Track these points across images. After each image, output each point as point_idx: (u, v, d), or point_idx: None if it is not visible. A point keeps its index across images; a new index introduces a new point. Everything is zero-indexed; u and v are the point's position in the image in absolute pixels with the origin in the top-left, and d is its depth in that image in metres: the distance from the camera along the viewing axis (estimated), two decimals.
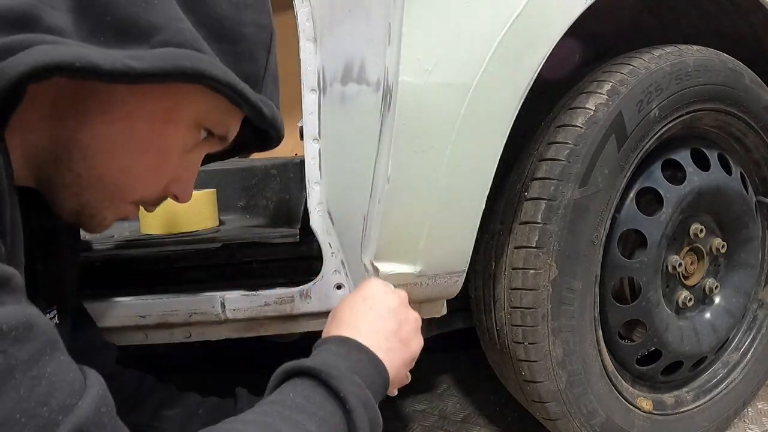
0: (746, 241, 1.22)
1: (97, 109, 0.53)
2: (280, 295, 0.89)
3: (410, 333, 0.69)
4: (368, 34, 0.80)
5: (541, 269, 0.96)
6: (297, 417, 0.52)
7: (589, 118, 0.96)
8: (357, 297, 0.70)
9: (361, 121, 0.82)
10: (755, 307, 1.30)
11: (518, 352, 1.01)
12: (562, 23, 0.88)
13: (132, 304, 0.89)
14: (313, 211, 0.88)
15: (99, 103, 0.53)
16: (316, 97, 0.86)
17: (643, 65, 1.01)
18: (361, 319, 0.66)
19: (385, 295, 0.70)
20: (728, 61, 1.11)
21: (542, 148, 0.98)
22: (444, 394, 1.53)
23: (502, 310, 1.02)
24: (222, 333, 0.93)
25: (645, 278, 1.06)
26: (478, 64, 0.81)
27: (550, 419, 1.05)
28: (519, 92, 0.85)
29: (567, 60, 1.06)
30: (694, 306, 1.18)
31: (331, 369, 0.57)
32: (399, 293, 0.72)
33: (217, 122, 0.60)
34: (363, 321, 0.66)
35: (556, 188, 0.94)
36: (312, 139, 0.87)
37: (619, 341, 1.11)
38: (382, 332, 0.66)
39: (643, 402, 1.14)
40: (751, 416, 1.36)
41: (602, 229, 1.00)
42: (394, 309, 0.69)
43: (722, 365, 1.26)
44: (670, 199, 1.07)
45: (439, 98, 0.80)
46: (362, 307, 0.68)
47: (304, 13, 0.85)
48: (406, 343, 0.68)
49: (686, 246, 1.15)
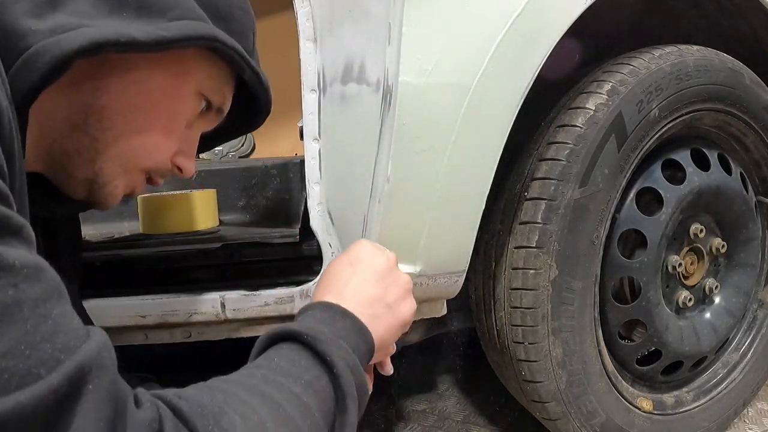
0: (746, 241, 1.22)
1: (113, 74, 0.57)
2: (280, 295, 0.89)
3: (398, 297, 0.67)
4: (368, 34, 0.80)
5: (541, 269, 0.96)
6: (281, 379, 0.51)
7: (589, 118, 0.96)
8: (344, 260, 0.69)
9: (361, 121, 0.82)
10: (755, 307, 1.30)
11: (518, 352, 1.01)
12: (562, 23, 0.88)
13: (132, 304, 0.89)
14: (313, 211, 0.88)
15: (115, 68, 0.57)
16: (316, 97, 0.86)
17: (643, 65, 1.01)
18: (346, 284, 0.65)
19: (372, 257, 0.68)
20: (728, 61, 1.11)
21: (542, 148, 0.98)
22: (444, 394, 1.53)
23: (502, 310, 1.02)
24: (222, 333, 0.93)
25: (645, 278, 1.06)
26: (478, 64, 0.81)
27: (550, 419, 1.05)
28: (519, 92, 0.85)
29: (567, 60, 1.06)
30: (694, 306, 1.17)
31: (318, 333, 0.56)
32: (387, 254, 0.70)
33: (216, 91, 0.66)
34: (347, 286, 0.65)
35: (556, 188, 0.94)
36: (312, 139, 0.87)
37: (619, 341, 1.11)
38: (367, 298, 0.64)
39: (643, 402, 1.14)
40: (751, 416, 1.36)
41: (602, 229, 1.00)
42: (381, 272, 0.67)
43: (722, 365, 1.26)
44: (670, 199, 1.07)
45: (439, 98, 0.80)
46: (347, 271, 0.67)
47: (304, 13, 0.85)
48: (393, 308, 0.66)
49: (686, 246, 1.15)
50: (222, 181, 1.17)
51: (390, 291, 0.67)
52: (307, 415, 0.51)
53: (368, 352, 0.62)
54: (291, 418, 0.49)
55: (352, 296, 0.64)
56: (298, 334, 0.56)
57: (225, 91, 0.67)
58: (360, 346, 0.60)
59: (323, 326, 0.58)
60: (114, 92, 0.58)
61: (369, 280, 0.66)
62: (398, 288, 0.68)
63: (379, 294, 0.66)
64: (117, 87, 0.58)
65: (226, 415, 0.45)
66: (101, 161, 0.59)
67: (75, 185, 0.61)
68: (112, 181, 0.61)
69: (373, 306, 0.64)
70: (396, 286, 0.68)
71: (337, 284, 0.65)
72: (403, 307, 0.68)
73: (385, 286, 0.67)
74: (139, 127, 0.60)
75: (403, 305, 0.68)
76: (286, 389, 0.51)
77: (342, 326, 0.60)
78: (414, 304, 0.69)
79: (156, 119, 0.61)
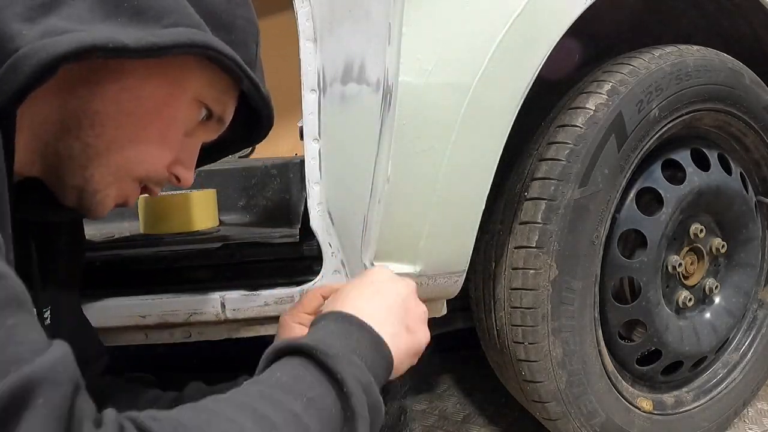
0: (746, 241, 1.22)
1: (107, 79, 0.57)
2: (280, 295, 0.89)
3: (417, 323, 0.65)
4: (368, 34, 0.80)
5: (541, 269, 0.96)
6: (280, 396, 0.47)
7: (589, 118, 0.96)
8: (364, 281, 0.66)
9: (361, 121, 0.82)
10: (755, 307, 1.30)
11: (518, 352, 1.01)
12: (562, 23, 0.88)
13: (132, 304, 0.89)
14: (313, 211, 0.88)
15: (109, 73, 0.56)
16: (316, 97, 0.86)
17: (643, 65, 1.01)
18: (367, 301, 0.61)
19: (393, 282, 0.66)
20: (728, 61, 1.11)
21: (542, 148, 0.98)
22: (444, 394, 1.53)
23: (502, 310, 1.02)
24: (222, 333, 0.93)
25: (645, 278, 1.06)
26: (478, 64, 0.81)
27: (550, 419, 1.05)
28: (519, 92, 0.85)
29: (567, 60, 1.06)
30: (694, 306, 1.17)
31: (328, 348, 0.52)
32: (408, 282, 0.67)
33: (216, 99, 0.64)
34: (369, 303, 0.61)
35: (556, 188, 0.94)
36: (312, 139, 0.87)
37: (619, 341, 1.11)
38: (388, 316, 0.61)
39: (643, 402, 1.14)
40: (751, 416, 1.36)
41: (602, 229, 1.00)
42: (403, 296, 0.65)
43: (722, 365, 1.26)
44: (670, 199, 1.07)
45: (439, 98, 0.80)
46: (369, 289, 0.64)
47: (304, 13, 0.85)
48: (413, 332, 0.63)
49: (686, 246, 1.15)
50: (222, 181, 1.17)
51: (410, 315, 0.64)
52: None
53: (386, 369, 0.58)
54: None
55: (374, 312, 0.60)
56: (306, 347, 0.52)
57: (226, 101, 0.66)
58: (376, 361, 0.56)
59: (336, 339, 0.55)
60: (107, 98, 0.57)
61: (392, 301, 0.63)
62: (417, 315, 0.65)
63: (401, 315, 0.63)
64: (110, 93, 0.57)
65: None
66: (92, 168, 0.58)
67: (66, 191, 0.60)
68: (102, 189, 0.60)
69: (395, 325, 0.61)
70: (416, 312, 0.65)
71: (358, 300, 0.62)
72: (420, 335, 0.65)
73: (406, 309, 0.64)
74: (133, 134, 0.59)
75: (420, 333, 0.65)
76: (283, 407, 0.47)
77: (358, 339, 0.56)
78: (428, 334, 0.66)
79: (150, 127, 0.60)
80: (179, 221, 1.03)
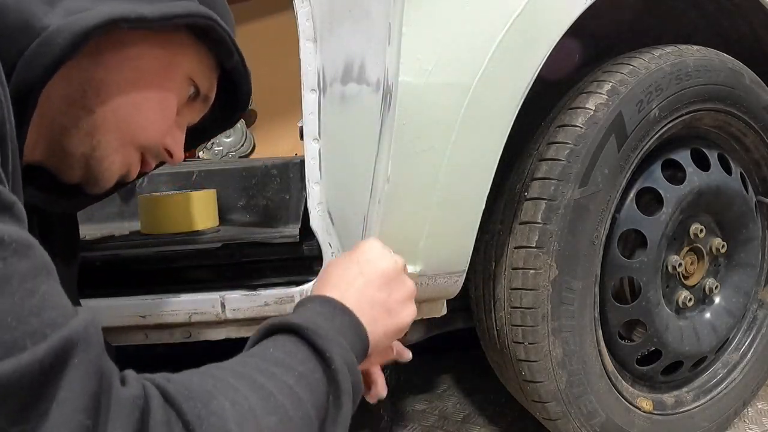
0: (746, 241, 1.22)
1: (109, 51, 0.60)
2: (280, 295, 0.89)
3: (400, 302, 0.67)
4: (368, 34, 0.80)
5: (541, 269, 0.96)
6: (274, 369, 0.51)
7: (589, 118, 0.96)
8: (351, 258, 0.68)
9: (361, 121, 0.82)
10: (755, 307, 1.30)
11: (518, 352, 1.01)
12: (562, 23, 0.88)
13: (132, 304, 0.89)
14: (313, 211, 0.88)
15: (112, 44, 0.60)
16: (316, 97, 0.86)
17: (643, 65, 1.01)
18: (350, 283, 0.65)
19: (380, 259, 0.68)
20: (728, 61, 1.11)
21: (542, 148, 0.98)
22: (444, 394, 1.53)
23: (502, 310, 1.02)
24: (222, 333, 0.93)
25: (645, 278, 1.06)
26: (478, 64, 0.81)
27: (550, 419, 1.05)
28: (519, 92, 0.85)
29: (567, 60, 1.06)
30: (694, 306, 1.17)
31: (317, 327, 0.56)
32: (395, 259, 0.69)
33: (204, 76, 0.69)
34: (351, 285, 0.64)
35: (556, 188, 0.94)
36: (312, 139, 0.87)
37: (619, 341, 1.11)
38: (369, 300, 0.64)
39: (643, 402, 1.14)
40: (751, 416, 1.36)
41: (602, 229, 1.00)
42: (387, 276, 0.67)
43: (722, 365, 1.26)
44: (670, 199, 1.07)
45: (439, 98, 0.80)
46: (353, 270, 0.66)
47: (304, 13, 0.85)
48: (394, 313, 0.66)
49: (686, 246, 1.15)
50: (222, 181, 1.17)
51: (393, 296, 0.67)
52: (298, 406, 0.50)
53: (363, 352, 0.62)
54: (282, 407, 0.49)
55: (355, 295, 0.63)
56: (297, 326, 0.55)
57: (212, 78, 0.70)
58: (356, 345, 0.60)
59: (322, 320, 0.59)
60: (110, 67, 0.60)
61: (374, 282, 0.66)
62: (402, 293, 0.68)
63: (383, 298, 0.66)
64: (113, 62, 0.61)
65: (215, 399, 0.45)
66: (99, 134, 0.61)
67: (73, 163, 0.62)
68: (109, 156, 0.63)
69: (375, 309, 0.64)
70: (400, 292, 0.68)
71: (342, 281, 0.65)
72: (403, 313, 0.68)
73: (390, 291, 0.67)
74: (135, 101, 0.63)
75: (404, 311, 0.68)
76: (278, 379, 0.50)
77: (341, 323, 0.60)
78: (415, 310, 0.69)
79: (150, 96, 0.64)
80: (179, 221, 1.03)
